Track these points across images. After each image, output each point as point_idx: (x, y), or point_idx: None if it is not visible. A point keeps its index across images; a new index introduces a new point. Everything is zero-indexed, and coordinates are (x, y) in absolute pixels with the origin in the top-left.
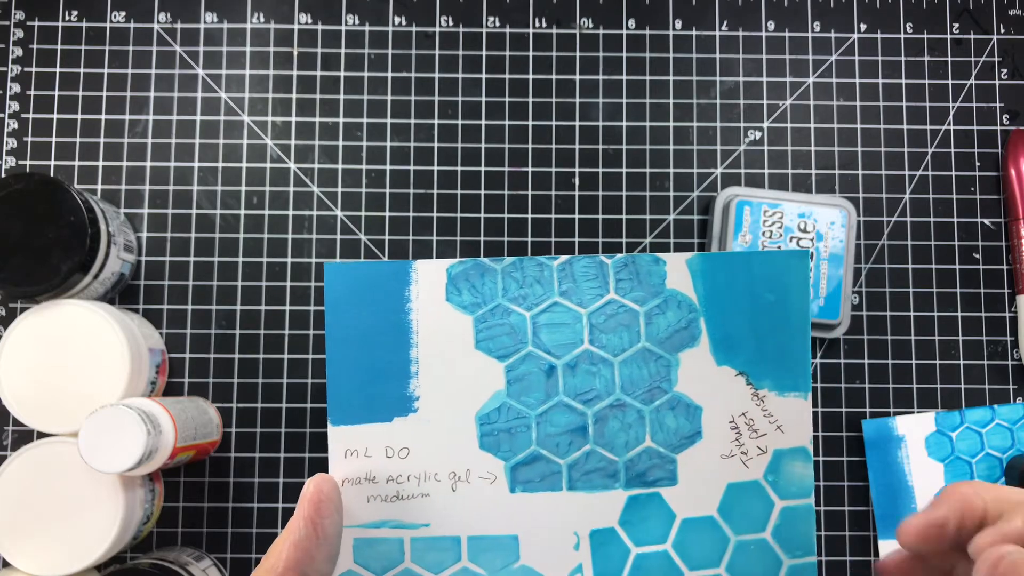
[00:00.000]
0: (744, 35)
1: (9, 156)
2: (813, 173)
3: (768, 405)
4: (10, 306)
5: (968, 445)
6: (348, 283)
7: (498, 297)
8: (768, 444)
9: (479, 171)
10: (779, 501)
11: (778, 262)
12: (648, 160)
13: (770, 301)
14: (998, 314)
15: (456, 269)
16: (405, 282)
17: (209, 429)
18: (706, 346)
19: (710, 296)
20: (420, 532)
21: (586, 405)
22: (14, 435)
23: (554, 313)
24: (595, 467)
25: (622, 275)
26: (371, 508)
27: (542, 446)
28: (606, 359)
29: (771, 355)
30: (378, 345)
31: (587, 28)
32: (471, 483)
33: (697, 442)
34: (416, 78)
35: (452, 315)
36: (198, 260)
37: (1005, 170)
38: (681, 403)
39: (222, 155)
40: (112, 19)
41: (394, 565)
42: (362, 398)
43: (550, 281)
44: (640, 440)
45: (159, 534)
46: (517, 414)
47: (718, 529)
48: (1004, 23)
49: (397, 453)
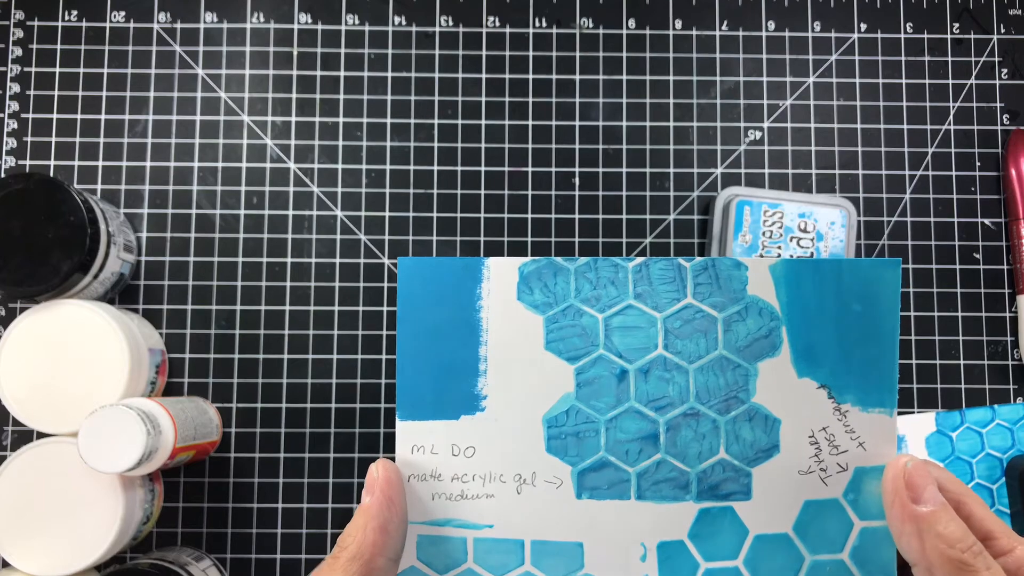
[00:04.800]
0: (744, 35)
1: (9, 156)
2: (813, 173)
3: (850, 420)
4: (10, 306)
5: (968, 445)
6: (421, 279)
7: (570, 297)
8: (849, 461)
9: (479, 171)
10: (859, 522)
11: (868, 272)
12: (648, 160)
13: (857, 312)
14: (998, 314)
15: (529, 268)
16: (477, 279)
17: (209, 429)
18: (787, 356)
19: (793, 304)
20: (484, 533)
21: (658, 412)
22: (14, 435)
23: (628, 316)
24: (665, 477)
25: (701, 279)
26: (435, 505)
27: (611, 452)
28: (681, 366)
29: (856, 369)
30: (448, 342)
31: (587, 28)
32: (536, 486)
33: (774, 456)
34: (416, 78)
35: (523, 314)
36: (198, 260)
37: (1005, 170)
38: (759, 415)
39: (222, 155)
40: (112, 19)
41: (457, 564)
42: (431, 394)
43: (625, 283)
44: (714, 451)
45: (159, 534)
46: (586, 418)
47: (792, 547)
48: (1004, 23)
49: (463, 452)
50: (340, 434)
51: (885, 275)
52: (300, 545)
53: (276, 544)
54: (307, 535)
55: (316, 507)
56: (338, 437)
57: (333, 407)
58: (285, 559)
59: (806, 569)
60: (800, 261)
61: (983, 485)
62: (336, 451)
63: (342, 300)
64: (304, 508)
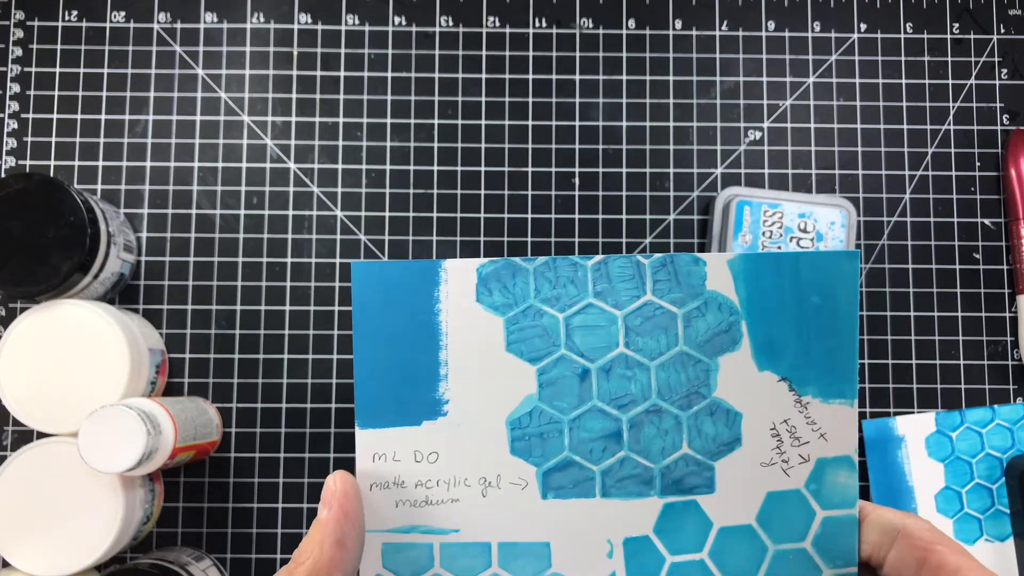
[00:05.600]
0: (744, 35)
1: (9, 156)
2: (813, 173)
3: (812, 412)
4: (10, 306)
5: (968, 445)
6: (376, 283)
7: (530, 298)
8: (811, 452)
9: (479, 171)
10: (821, 511)
11: (826, 263)
12: (648, 160)
13: (816, 304)
14: (998, 314)
15: (487, 269)
16: (434, 282)
17: (209, 429)
18: (747, 350)
19: (753, 298)
20: (450, 538)
21: (621, 410)
22: (14, 435)
23: (588, 315)
24: (630, 474)
25: (660, 275)
26: (400, 513)
27: (575, 452)
28: (642, 363)
29: (816, 360)
30: (407, 347)
31: (587, 28)
32: (502, 489)
33: (736, 449)
34: (416, 78)
35: (483, 316)
36: (198, 260)
37: (1005, 170)
38: (720, 409)
39: (222, 155)
40: (112, 19)
41: (423, 571)
42: (391, 401)
43: (584, 282)
44: (677, 447)
45: (159, 534)
46: (549, 419)
47: (756, 538)
48: (1004, 23)
49: (426, 457)
50: (340, 434)
51: (843, 266)
52: None
53: (276, 544)
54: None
55: (316, 507)
56: (338, 437)
57: (333, 407)
58: (285, 559)
59: (769, 559)
60: (758, 255)
61: (983, 485)
62: (336, 451)
63: (342, 300)
64: (304, 508)
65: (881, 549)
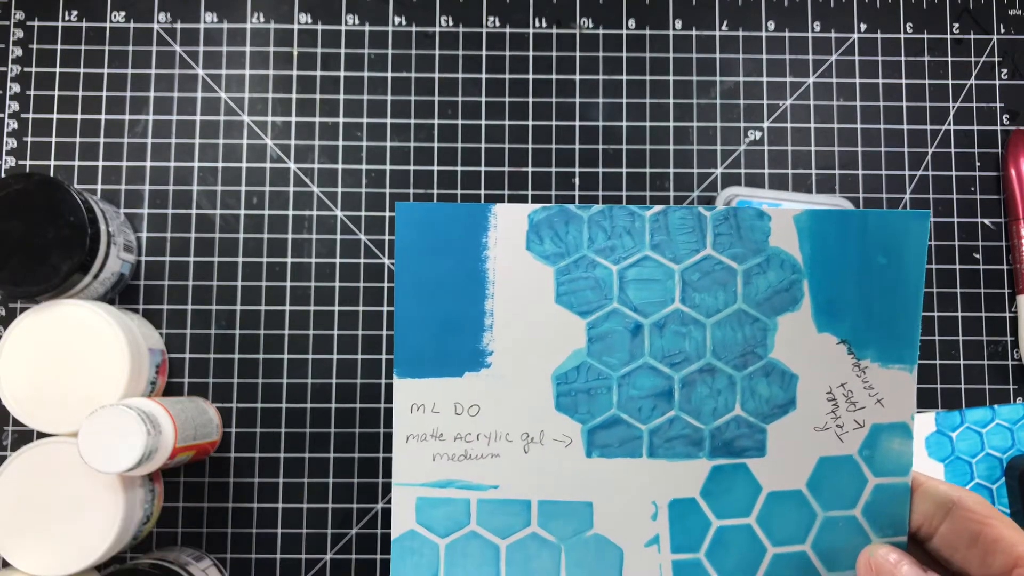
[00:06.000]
0: (744, 35)
1: (9, 156)
2: (813, 173)
3: (869, 376)
4: (10, 306)
5: (968, 445)
6: (421, 226)
7: (583, 248)
8: (866, 418)
9: (479, 171)
10: (873, 478)
11: (896, 223)
12: (648, 160)
13: (882, 265)
14: (998, 314)
15: (539, 215)
16: (483, 227)
17: (209, 429)
18: (807, 310)
19: (816, 256)
20: (488, 494)
21: (673, 368)
22: (14, 435)
23: (644, 268)
24: (679, 434)
25: (721, 229)
26: (436, 467)
27: (623, 410)
28: (698, 320)
29: (878, 323)
30: (451, 294)
31: (587, 28)
32: (544, 445)
33: (790, 412)
34: (416, 78)
35: (532, 265)
36: (198, 260)
37: (1005, 170)
38: (776, 370)
39: (222, 155)
40: (112, 19)
41: (459, 527)
42: (431, 350)
43: (642, 232)
44: (729, 408)
45: (159, 534)
46: (598, 375)
47: (806, 504)
48: (1004, 23)
49: (467, 410)
50: (340, 434)
51: (912, 226)
52: (300, 545)
53: (276, 544)
54: (307, 535)
55: (316, 507)
56: (338, 437)
57: (333, 407)
58: (285, 559)
59: (818, 525)
60: (826, 211)
61: (983, 485)
62: (336, 451)
63: (342, 300)
64: (304, 508)
65: (933, 520)
